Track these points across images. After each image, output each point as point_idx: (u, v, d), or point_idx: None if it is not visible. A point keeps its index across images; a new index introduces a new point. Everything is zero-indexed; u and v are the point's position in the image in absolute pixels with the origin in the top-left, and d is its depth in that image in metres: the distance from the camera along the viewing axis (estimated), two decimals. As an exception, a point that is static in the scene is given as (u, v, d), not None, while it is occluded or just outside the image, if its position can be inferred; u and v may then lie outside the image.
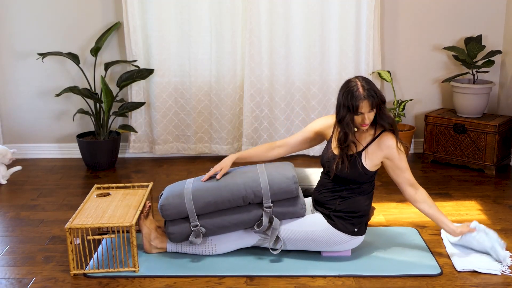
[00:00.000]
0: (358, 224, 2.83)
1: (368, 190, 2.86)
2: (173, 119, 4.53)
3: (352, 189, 2.81)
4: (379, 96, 2.70)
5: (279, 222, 2.83)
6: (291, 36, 4.34)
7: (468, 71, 4.40)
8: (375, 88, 2.70)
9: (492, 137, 4.11)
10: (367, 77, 4.36)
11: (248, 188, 2.80)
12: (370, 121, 2.73)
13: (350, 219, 2.81)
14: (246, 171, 2.93)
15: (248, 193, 2.80)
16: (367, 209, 2.87)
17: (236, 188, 2.81)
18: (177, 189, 2.88)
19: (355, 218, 2.82)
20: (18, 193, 3.92)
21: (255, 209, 2.83)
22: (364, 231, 2.88)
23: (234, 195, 2.80)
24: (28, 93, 4.57)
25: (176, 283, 2.71)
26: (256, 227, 2.83)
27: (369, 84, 2.70)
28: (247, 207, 2.84)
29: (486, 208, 3.57)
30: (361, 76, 2.75)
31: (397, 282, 2.69)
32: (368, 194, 2.87)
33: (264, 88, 4.42)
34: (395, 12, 4.47)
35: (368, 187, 2.85)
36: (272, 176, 2.84)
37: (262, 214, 2.82)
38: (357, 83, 2.69)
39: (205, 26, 4.32)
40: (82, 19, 4.43)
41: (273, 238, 2.82)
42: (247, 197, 2.81)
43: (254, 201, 2.82)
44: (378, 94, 2.69)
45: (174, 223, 2.85)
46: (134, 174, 4.28)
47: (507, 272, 2.76)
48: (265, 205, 2.81)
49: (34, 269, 2.85)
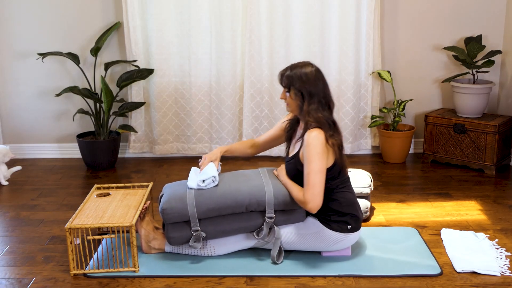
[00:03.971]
0: (350, 220, 2.81)
1: (339, 186, 2.79)
2: (173, 119, 4.53)
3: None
4: (288, 78, 2.74)
5: (280, 231, 2.83)
6: (291, 36, 4.34)
7: (468, 71, 4.40)
8: (294, 71, 2.74)
9: (492, 137, 4.12)
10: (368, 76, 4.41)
11: (252, 197, 2.79)
12: (288, 103, 2.79)
13: (341, 218, 2.80)
14: (250, 178, 2.92)
15: (252, 202, 2.79)
16: (350, 204, 2.81)
17: (241, 196, 2.80)
18: (179, 192, 2.86)
19: (345, 216, 2.80)
20: (18, 193, 3.92)
21: (256, 217, 2.83)
22: (358, 226, 2.85)
23: (237, 203, 2.79)
24: (28, 93, 4.57)
25: (176, 283, 2.71)
26: (256, 235, 2.83)
27: (293, 69, 2.75)
28: (249, 214, 2.84)
29: (486, 208, 3.57)
30: (309, 63, 2.79)
31: (397, 282, 2.69)
32: (342, 189, 2.80)
33: (264, 88, 4.43)
34: (395, 12, 4.47)
35: (335, 183, 2.78)
36: (277, 188, 2.83)
37: (263, 222, 2.82)
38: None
39: (205, 26, 4.32)
40: (82, 19, 4.43)
41: (276, 249, 2.81)
42: (250, 205, 2.80)
43: (256, 210, 2.82)
44: (288, 77, 2.74)
45: (174, 227, 2.84)
46: (134, 174, 4.28)
47: (507, 272, 2.76)
48: (267, 215, 2.80)
49: (34, 269, 2.85)
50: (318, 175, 2.65)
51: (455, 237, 3.10)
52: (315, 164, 2.65)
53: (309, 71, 2.75)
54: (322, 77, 2.78)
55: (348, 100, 4.45)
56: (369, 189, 3.36)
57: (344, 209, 2.80)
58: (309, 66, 2.77)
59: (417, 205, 3.61)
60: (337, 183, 2.80)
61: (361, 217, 2.89)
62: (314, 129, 2.68)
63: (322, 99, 2.74)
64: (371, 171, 4.25)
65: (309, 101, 2.73)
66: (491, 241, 3.07)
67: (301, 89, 2.73)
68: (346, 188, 2.84)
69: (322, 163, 2.66)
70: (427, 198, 3.74)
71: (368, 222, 3.37)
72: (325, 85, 2.78)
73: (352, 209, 2.82)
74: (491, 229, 3.25)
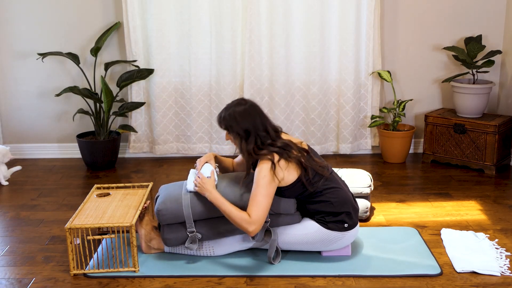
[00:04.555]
0: (346, 218, 2.80)
1: (326, 188, 2.78)
2: (173, 119, 4.53)
3: (307, 198, 2.80)
4: (225, 120, 2.76)
5: (276, 233, 2.83)
6: (291, 36, 4.34)
7: (468, 71, 4.40)
8: (229, 112, 2.75)
9: (492, 137, 4.11)
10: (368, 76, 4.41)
11: (247, 200, 2.78)
12: (232, 141, 2.81)
13: (336, 218, 2.80)
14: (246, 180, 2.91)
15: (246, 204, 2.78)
16: (343, 202, 2.80)
17: (235, 199, 2.80)
18: (175, 194, 2.86)
19: (340, 215, 2.80)
20: (18, 193, 3.92)
21: None
22: (355, 223, 2.85)
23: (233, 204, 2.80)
24: (28, 93, 4.57)
25: (176, 283, 2.71)
26: (251, 238, 2.83)
27: (228, 109, 2.77)
28: None
29: (486, 208, 3.57)
30: (242, 101, 2.80)
31: (397, 282, 2.69)
32: (329, 189, 2.79)
33: (264, 88, 4.43)
34: (395, 12, 4.47)
35: (318, 186, 2.77)
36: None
37: None
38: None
39: (205, 26, 4.33)
40: (82, 19, 4.43)
41: (272, 250, 2.81)
42: (245, 208, 2.80)
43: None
44: (224, 119, 2.76)
45: (170, 228, 2.84)
46: (134, 174, 4.28)
47: (507, 272, 2.76)
48: None
49: (34, 269, 2.85)
50: (266, 198, 2.67)
51: (455, 237, 3.10)
52: (262, 189, 2.67)
53: (242, 109, 2.75)
54: (258, 111, 2.78)
55: (348, 100, 4.45)
56: (369, 189, 3.36)
57: (337, 208, 2.79)
58: (242, 104, 2.77)
59: (417, 205, 3.62)
60: (320, 185, 2.78)
61: (357, 209, 2.88)
62: (261, 162, 2.71)
63: (261, 132, 2.74)
64: (371, 171, 4.25)
65: (247, 140, 2.74)
66: (491, 241, 3.07)
67: (237, 130, 2.74)
68: (333, 186, 2.82)
69: (269, 189, 2.68)
70: (427, 198, 3.74)
71: (368, 222, 3.37)
72: (262, 117, 2.78)
73: (345, 206, 2.81)
74: (491, 229, 3.25)
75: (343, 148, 4.57)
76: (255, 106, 2.80)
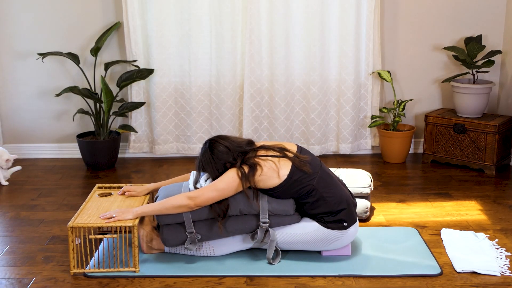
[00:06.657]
0: (345, 216, 2.80)
1: (319, 186, 2.79)
2: (173, 119, 4.53)
3: (304, 199, 2.80)
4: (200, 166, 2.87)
5: (275, 234, 2.83)
6: (291, 36, 4.34)
7: (468, 71, 4.40)
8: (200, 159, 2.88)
9: (492, 137, 4.12)
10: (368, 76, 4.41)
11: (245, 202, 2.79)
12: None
13: (335, 217, 2.79)
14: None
15: (245, 206, 2.80)
16: (339, 200, 2.79)
17: (234, 200, 2.80)
18: (174, 194, 2.85)
19: (338, 214, 2.79)
20: (18, 193, 3.92)
21: (251, 220, 2.83)
22: (354, 220, 2.85)
23: (231, 205, 2.80)
24: (28, 93, 4.57)
25: (176, 283, 2.71)
26: (251, 239, 2.83)
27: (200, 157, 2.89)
28: (243, 217, 2.83)
29: (486, 208, 3.57)
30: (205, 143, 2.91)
31: (397, 282, 2.70)
32: (324, 187, 2.79)
33: (264, 88, 4.43)
34: (395, 12, 4.47)
35: (311, 183, 2.78)
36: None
37: (257, 225, 2.82)
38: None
39: (205, 26, 4.32)
40: (82, 19, 4.43)
41: (271, 250, 2.82)
42: (244, 209, 2.81)
43: (250, 213, 2.82)
44: (199, 165, 2.87)
45: (169, 228, 2.84)
46: (134, 174, 4.28)
47: (507, 272, 2.76)
48: (261, 220, 2.80)
49: (34, 269, 2.85)
50: (215, 192, 2.74)
51: (455, 237, 3.10)
52: (221, 183, 2.75)
53: (207, 153, 2.84)
54: (221, 144, 2.84)
55: (348, 100, 4.45)
56: (369, 189, 3.36)
57: (334, 207, 2.79)
58: (204, 148, 2.88)
59: (417, 205, 3.62)
60: (313, 183, 2.78)
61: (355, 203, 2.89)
62: (232, 169, 2.80)
63: (235, 158, 2.81)
64: (371, 171, 4.25)
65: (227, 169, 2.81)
66: (491, 241, 3.08)
67: (212, 171, 2.82)
68: (327, 184, 2.81)
69: (227, 188, 2.75)
70: (427, 198, 3.74)
71: (368, 222, 3.37)
72: (230, 144, 2.84)
73: (343, 204, 2.80)
74: (491, 229, 3.25)
75: (343, 148, 4.57)
76: (215, 142, 2.86)
